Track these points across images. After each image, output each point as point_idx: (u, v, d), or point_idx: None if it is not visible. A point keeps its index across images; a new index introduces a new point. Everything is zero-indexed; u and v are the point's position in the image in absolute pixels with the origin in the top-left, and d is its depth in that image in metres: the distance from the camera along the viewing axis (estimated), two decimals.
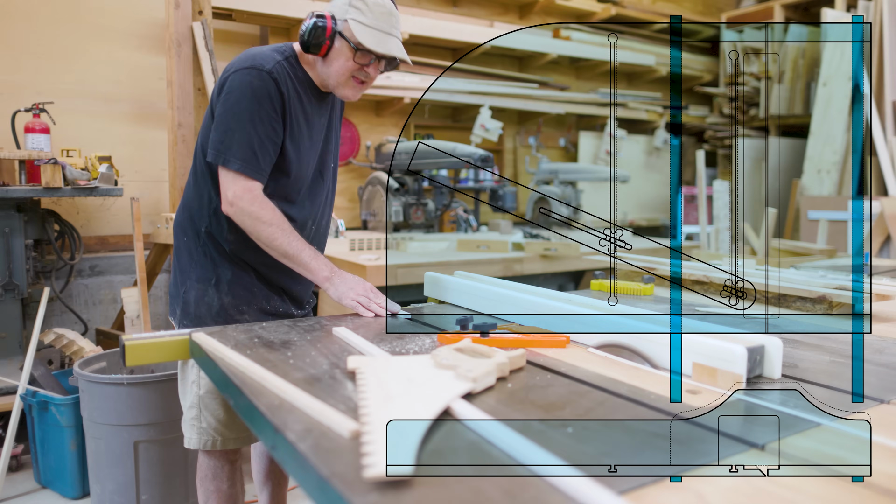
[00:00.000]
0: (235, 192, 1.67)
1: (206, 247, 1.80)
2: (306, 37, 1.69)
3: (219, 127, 1.68)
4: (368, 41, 1.67)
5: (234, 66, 1.71)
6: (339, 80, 1.74)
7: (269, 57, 1.71)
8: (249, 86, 1.66)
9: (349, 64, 1.71)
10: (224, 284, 1.80)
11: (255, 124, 1.66)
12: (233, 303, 1.80)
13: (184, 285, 1.81)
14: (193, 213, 1.82)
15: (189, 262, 1.82)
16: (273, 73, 1.68)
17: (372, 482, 0.74)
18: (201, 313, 1.79)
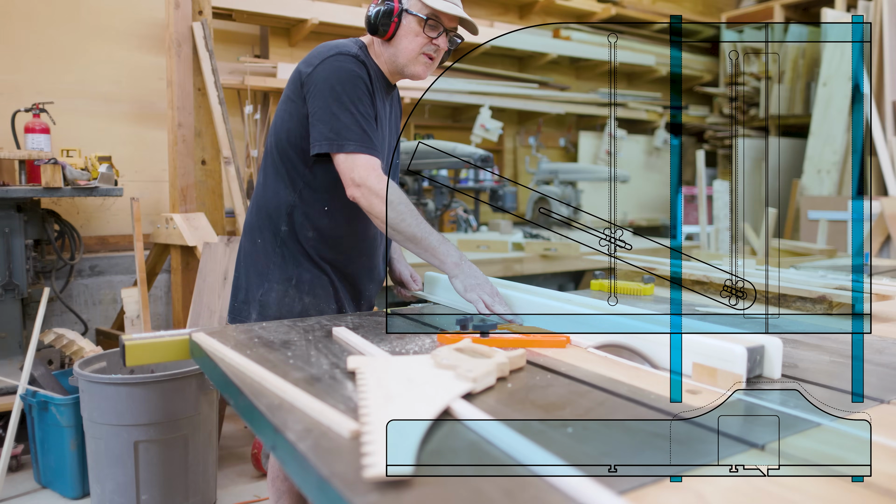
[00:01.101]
0: (360, 173, 1.61)
1: (284, 247, 1.77)
2: (374, 19, 1.69)
3: (322, 117, 1.65)
4: (438, 5, 1.66)
5: (319, 56, 1.69)
6: (409, 56, 1.73)
7: (350, 45, 1.72)
8: (341, 69, 1.65)
9: (419, 39, 1.70)
10: (305, 285, 1.77)
11: (356, 105, 1.64)
12: (313, 303, 1.78)
13: (262, 287, 1.78)
14: (270, 212, 1.78)
15: (267, 264, 1.79)
16: (360, 57, 1.69)
17: (372, 482, 0.74)
18: (283, 314, 1.75)
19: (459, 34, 1.77)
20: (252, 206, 1.86)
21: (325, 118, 1.64)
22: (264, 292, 1.78)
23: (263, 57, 4.45)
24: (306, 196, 1.76)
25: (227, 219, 3.67)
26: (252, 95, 4.26)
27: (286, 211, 1.77)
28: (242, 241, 1.87)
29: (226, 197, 3.63)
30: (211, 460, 2.56)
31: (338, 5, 4.34)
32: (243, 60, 4.22)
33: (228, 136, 3.40)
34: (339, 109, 1.63)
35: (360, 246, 1.84)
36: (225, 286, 2.92)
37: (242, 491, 2.71)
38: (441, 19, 1.70)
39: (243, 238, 1.87)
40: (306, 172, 1.74)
